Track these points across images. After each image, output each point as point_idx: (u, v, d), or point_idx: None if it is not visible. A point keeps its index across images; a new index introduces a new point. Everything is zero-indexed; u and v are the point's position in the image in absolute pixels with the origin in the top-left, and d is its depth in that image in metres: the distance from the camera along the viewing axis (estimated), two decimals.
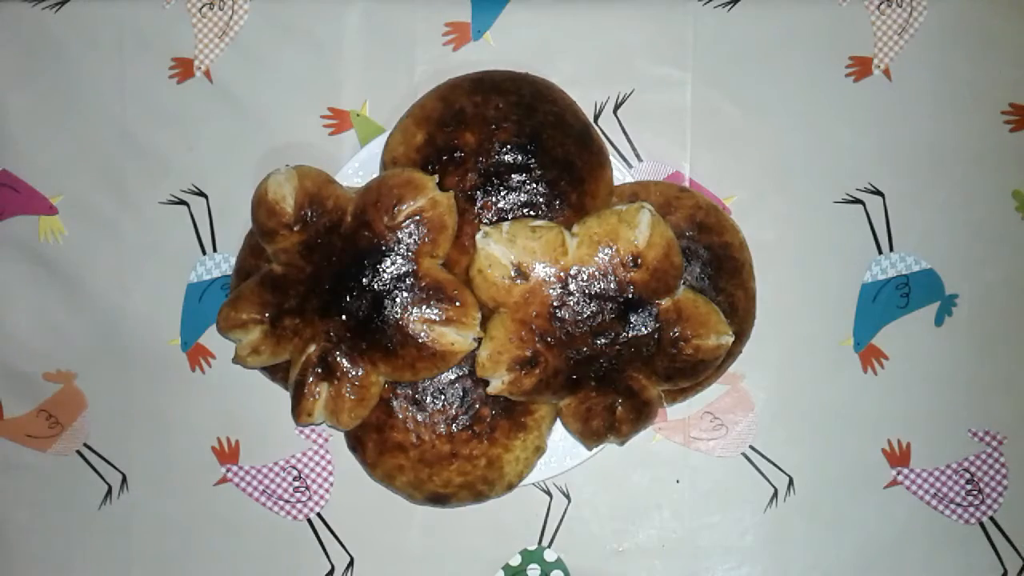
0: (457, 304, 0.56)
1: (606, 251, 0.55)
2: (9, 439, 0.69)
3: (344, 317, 0.56)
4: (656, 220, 0.55)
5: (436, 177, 0.57)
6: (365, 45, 0.67)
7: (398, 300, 0.56)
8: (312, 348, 0.57)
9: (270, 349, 0.58)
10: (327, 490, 0.67)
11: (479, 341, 0.57)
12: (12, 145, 0.68)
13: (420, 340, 0.56)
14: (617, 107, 0.67)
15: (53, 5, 0.68)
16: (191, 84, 0.68)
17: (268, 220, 0.57)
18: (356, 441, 0.60)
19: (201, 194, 0.68)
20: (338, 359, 0.57)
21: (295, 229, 0.57)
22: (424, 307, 0.56)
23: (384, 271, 0.56)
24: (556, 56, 0.67)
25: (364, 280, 0.56)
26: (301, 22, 0.68)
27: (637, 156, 0.68)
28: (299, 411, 0.58)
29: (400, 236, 0.56)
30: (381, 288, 0.56)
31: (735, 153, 0.67)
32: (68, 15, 0.68)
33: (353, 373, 0.57)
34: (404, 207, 0.56)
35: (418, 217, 0.56)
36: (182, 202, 0.68)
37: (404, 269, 0.56)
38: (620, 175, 0.63)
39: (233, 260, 0.64)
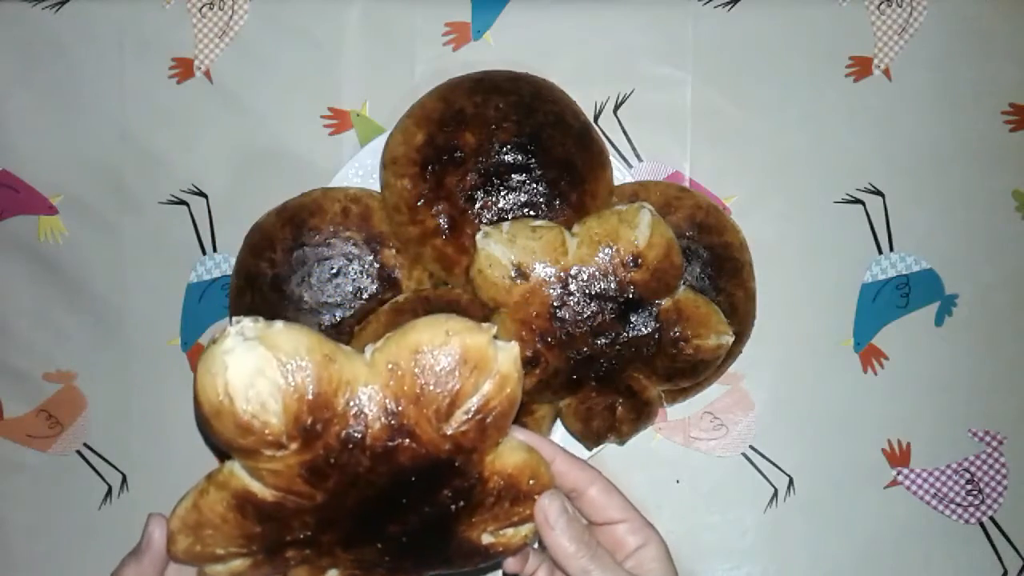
0: (534, 498, 0.42)
1: (606, 251, 0.55)
2: (9, 439, 0.69)
3: (380, 546, 0.42)
4: (656, 220, 0.55)
5: (492, 328, 0.39)
6: (365, 45, 0.67)
7: (460, 515, 0.42)
8: (333, 574, 0.44)
9: (263, 573, 0.42)
10: None
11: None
12: (12, 145, 0.68)
13: (488, 549, 0.44)
14: (617, 107, 0.67)
15: (53, 5, 0.68)
16: (191, 84, 0.68)
17: (241, 438, 0.37)
18: None
19: (201, 194, 0.68)
20: None
21: (291, 448, 0.37)
22: (493, 514, 0.42)
23: (438, 487, 0.40)
24: (556, 56, 0.67)
25: (408, 501, 0.40)
26: (301, 22, 0.67)
27: (637, 156, 0.68)
28: None
29: (457, 438, 0.39)
30: (435, 509, 0.41)
31: (735, 153, 0.67)
32: (68, 15, 0.68)
33: None
34: (466, 407, 0.38)
35: (481, 415, 0.39)
36: (182, 202, 0.68)
37: (466, 478, 0.40)
38: (620, 175, 0.63)
39: (233, 260, 0.64)
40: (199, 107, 0.68)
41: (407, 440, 0.38)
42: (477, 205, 0.58)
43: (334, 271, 0.60)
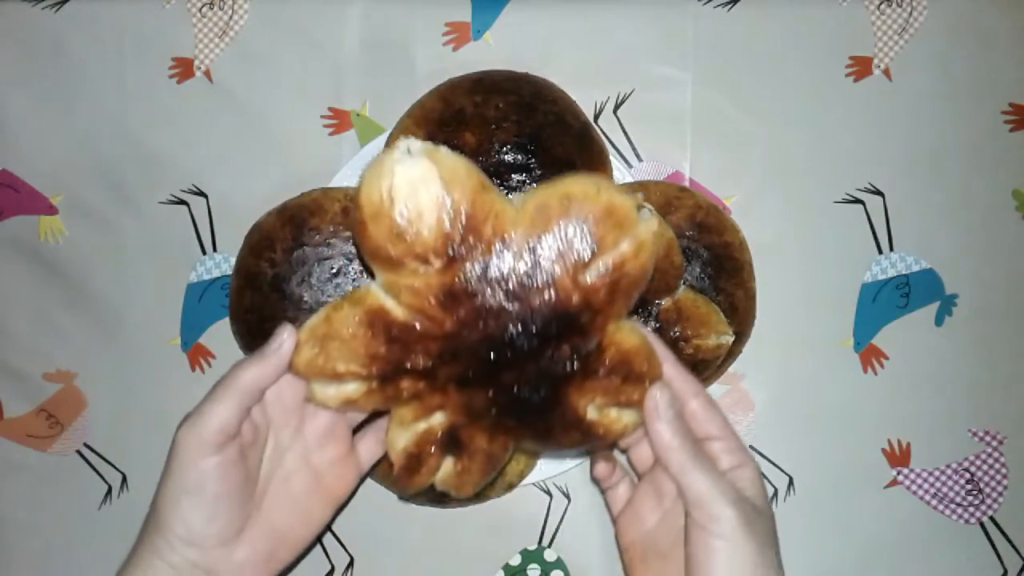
0: (644, 383, 0.43)
1: None
2: (9, 439, 0.69)
3: (492, 392, 0.42)
4: (656, 220, 0.55)
5: (639, 196, 0.41)
6: (365, 45, 0.67)
7: (573, 378, 0.42)
8: (438, 417, 0.44)
9: (370, 405, 0.44)
10: None
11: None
12: (12, 145, 0.68)
13: (590, 426, 0.44)
14: (617, 107, 0.67)
15: (53, 5, 0.68)
16: (191, 84, 0.68)
17: (392, 245, 0.38)
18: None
19: (201, 194, 0.68)
20: (473, 435, 0.44)
21: (435, 266, 0.39)
22: (603, 386, 0.43)
23: (560, 341, 0.41)
24: (556, 56, 0.67)
25: (529, 348, 0.41)
26: (301, 22, 0.68)
27: (637, 156, 0.68)
28: (408, 485, 0.46)
29: (588, 292, 0.40)
30: (553, 364, 0.41)
31: (735, 153, 0.67)
32: (68, 15, 0.68)
33: (490, 450, 0.45)
34: (603, 261, 0.39)
35: (615, 275, 0.40)
36: (182, 202, 0.68)
37: (586, 340, 0.41)
38: (620, 175, 0.63)
39: (233, 260, 0.64)
40: (199, 107, 0.68)
41: (541, 282, 0.39)
42: None
43: (334, 271, 0.60)
